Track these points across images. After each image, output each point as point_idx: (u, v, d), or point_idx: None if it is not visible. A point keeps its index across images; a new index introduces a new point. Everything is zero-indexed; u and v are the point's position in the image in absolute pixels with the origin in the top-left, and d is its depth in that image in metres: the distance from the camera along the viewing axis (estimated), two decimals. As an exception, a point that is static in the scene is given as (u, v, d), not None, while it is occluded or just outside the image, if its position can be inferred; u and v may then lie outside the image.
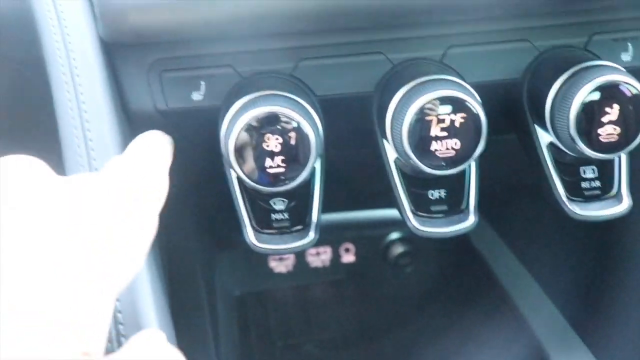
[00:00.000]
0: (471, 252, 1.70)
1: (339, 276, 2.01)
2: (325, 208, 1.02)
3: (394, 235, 1.97)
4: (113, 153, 0.90)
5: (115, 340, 0.82)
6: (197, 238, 1.57)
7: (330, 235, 1.93)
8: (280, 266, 1.96)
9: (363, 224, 1.94)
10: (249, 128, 0.88)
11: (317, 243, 0.98)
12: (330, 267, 1.99)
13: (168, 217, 1.42)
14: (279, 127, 0.88)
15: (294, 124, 0.88)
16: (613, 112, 0.93)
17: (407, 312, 1.95)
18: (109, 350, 0.81)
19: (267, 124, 0.88)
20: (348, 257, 2.00)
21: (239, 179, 0.96)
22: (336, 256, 1.98)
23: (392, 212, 1.94)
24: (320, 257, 1.97)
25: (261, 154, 0.88)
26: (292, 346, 1.84)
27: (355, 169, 1.30)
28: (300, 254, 1.96)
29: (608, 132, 0.94)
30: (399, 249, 1.97)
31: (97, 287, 0.42)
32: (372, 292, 2.01)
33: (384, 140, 1.00)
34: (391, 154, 1.00)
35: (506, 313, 1.47)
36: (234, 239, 1.83)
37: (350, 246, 1.98)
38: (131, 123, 1.01)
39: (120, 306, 0.83)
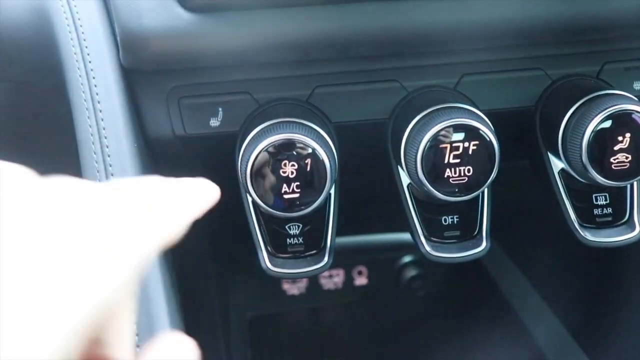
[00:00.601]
0: (484, 277, 1.71)
1: (352, 299, 2.01)
2: (338, 231, 1.03)
3: (407, 259, 1.97)
4: (132, 177, 0.92)
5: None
6: (211, 260, 1.58)
7: (343, 258, 1.94)
8: (293, 288, 1.97)
9: (376, 247, 1.95)
10: (266, 154, 0.89)
11: (331, 265, 0.99)
12: (343, 290, 1.99)
13: (183, 239, 1.44)
14: (295, 153, 0.89)
15: (310, 151, 0.89)
16: (625, 140, 0.94)
17: (418, 334, 1.95)
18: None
19: (284, 151, 0.89)
20: (361, 280, 2.00)
21: (255, 204, 0.97)
22: (349, 279, 1.99)
23: (404, 236, 1.94)
24: (333, 280, 1.98)
25: (277, 180, 0.90)
26: (304, 369, 1.85)
27: (368, 194, 1.32)
28: (313, 277, 1.96)
29: (620, 160, 0.95)
30: (411, 272, 1.97)
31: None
32: (384, 315, 2.02)
33: (398, 167, 1.01)
34: (405, 180, 1.01)
35: (521, 340, 1.47)
36: (247, 261, 1.84)
37: (363, 269, 1.99)
38: (150, 148, 1.03)
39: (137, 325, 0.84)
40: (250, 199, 0.98)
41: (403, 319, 2.00)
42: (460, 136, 0.91)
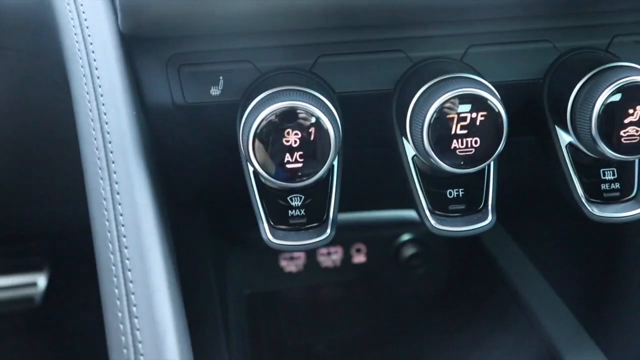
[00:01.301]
0: (483, 254, 1.69)
1: (350, 276, 2.00)
2: (340, 207, 1.01)
3: (406, 237, 1.96)
4: (130, 145, 0.90)
5: (130, 334, 0.81)
6: (208, 237, 1.56)
7: (341, 235, 1.90)
8: (290, 265, 1.95)
9: (375, 225, 1.93)
10: (268, 123, 0.87)
11: (329, 243, 0.97)
12: (341, 267, 1.98)
13: (180, 217, 1.42)
14: (298, 122, 0.87)
15: (314, 120, 0.87)
16: (635, 113, 0.92)
17: (417, 313, 1.94)
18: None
19: (287, 119, 0.87)
20: (359, 258, 1.99)
21: (256, 174, 0.95)
22: (347, 256, 1.97)
23: (404, 213, 1.95)
24: (331, 257, 1.96)
25: (280, 149, 0.88)
26: (302, 346, 1.83)
27: (372, 167, 1.30)
28: (311, 254, 1.94)
29: (629, 133, 0.93)
30: (410, 251, 1.96)
31: None
32: (382, 293, 2.00)
33: (403, 138, 0.99)
34: (410, 152, 0.99)
35: (517, 314, 1.46)
36: (245, 238, 1.83)
37: (362, 246, 1.97)
38: (149, 117, 1.00)
39: (135, 300, 0.83)
40: (251, 169, 0.96)
41: (401, 298, 1.99)
42: (467, 107, 0.89)
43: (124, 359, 0.80)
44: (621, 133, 0.93)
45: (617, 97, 0.92)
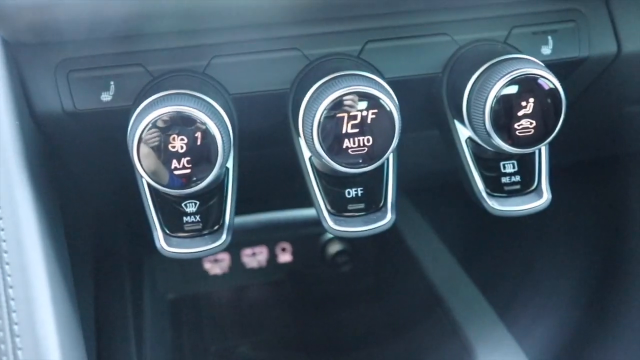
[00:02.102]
0: (405, 251, 1.69)
1: (276, 276, 1.98)
2: (255, 208, 0.99)
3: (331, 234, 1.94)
4: (11, 156, 0.87)
5: (10, 341, 0.79)
6: (125, 243, 1.52)
7: (266, 235, 1.90)
8: (215, 268, 1.92)
9: (300, 223, 1.91)
10: (154, 128, 0.84)
11: (253, 243, 0.95)
12: (267, 268, 1.96)
13: (96, 221, 1.38)
14: (184, 127, 0.84)
15: (199, 124, 0.84)
16: (528, 105, 0.92)
17: (343, 311, 1.93)
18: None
19: (172, 124, 0.84)
20: (285, 257, 1.97)
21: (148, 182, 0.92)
22: (272, 256, 1.95)
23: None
24: (256, 258, 1.94)
25: (167, 156, 0.85)
26: (226, 349, 1.80)
27: (275, 169, 1.28)
28: (235, 255, 1.92)
29: (524, 126, 0.92)
30: (336, 248, 1.95)
31: None
32: (309, 291, 1.99)
33: (299, 138, 0.97)
34: (306, 152, 0.98)
35: (438, 311, 1.46)
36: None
37: (287, 245, 1.95)
38: (38, 126, 0.97)
39: (16, 318, 0.80)
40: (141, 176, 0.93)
41: (328, 295, 1.98)
42: (358, 104, 0.88)
43: None
44: (515, 126, 0.92)
45: (510, 90, 0.91)
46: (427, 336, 1.48)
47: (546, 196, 1.02)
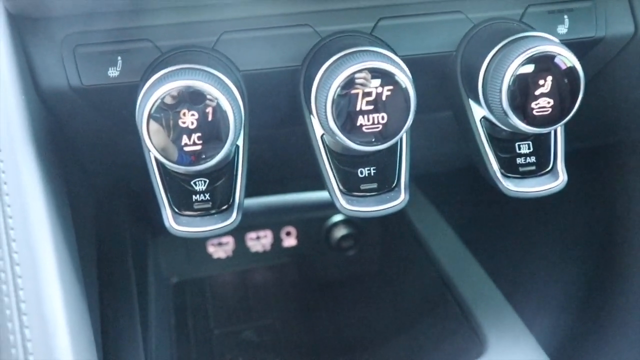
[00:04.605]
0: (412, 235, 1.67)
1: (281, 260, 1.96)
2: (261, 190, 0.97)
3: (337, 218, 1.92)
4: (18, 132, 0.85)
5: (19, 332, 0.77)
6: (129, 225, 1.51)
7: (270, 219, 1.88)
8: (219, 251, 1.91)
9: (305, 207, 1.89)
10: (163, 104, 0.82)
11: (258, 226, 0.94)
12: (271, 252, 1.94)
13: (99, 204, 1.36)
14: (194, 102, 0.83)
15: (211, 99, 0.83)
16: (546, 84, 0.90)
17: (348, 296, 1.91)
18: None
19: (183, 100, 0.83)
20: (289, 241, 1.95)
21: (157, 158, 0.90)
22: (277, 240, 1.93)
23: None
24: (260, 242, 1.92)
25: (177, 132, 0.83)
26: (230, 333, 1.79)
27: (288, 149, 1.26)
28: (239, 239, 1.90)
29: (541, 105, 0.91)
30: (341, 232, 1.93)
31: None
32: (313, 276, 1.97)
33: (311, 117, 0.95)
34: (318, 131, 0.96)
35: (445, 294, 1.44)
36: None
37: (292, 229, 1.93)
38: (44, 102, 0.95)
39: (23, 296, 0.78)
40: (150, 153, 0.91)
41: (333, 280, 1.96)
42: (373, 81, 0.86)
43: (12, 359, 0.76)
44: (532, 105, 0.90)
45: (527, 68, 0.89)
46: (436, 320, 1.46)
47: (562, 178, 1.01)
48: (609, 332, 1.57)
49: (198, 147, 0.84)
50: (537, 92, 0.90)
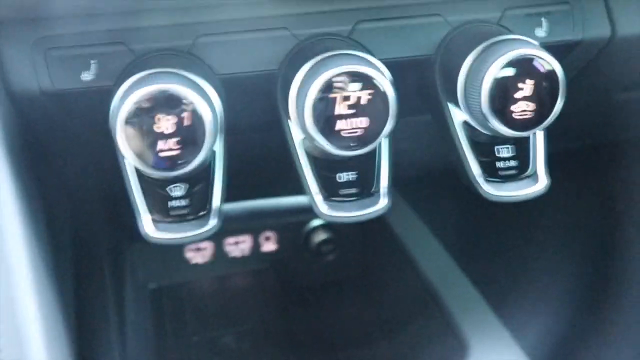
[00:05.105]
0: (392, 239, 1.66)
1: (260, 265, 1.95)
2: (240, 195, 0.96)
3: (316, 222, 1.91)
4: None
5: None
6: (105, 231, 1.49)
7: (249, 224, 1.87)
8: (197, 257, 1.89)
9: (284, 211, 1.88)
10: (139, 108, 0.81)
11: (237, 231, 0.92)
12: (251, 257, 1.92)
13: (75, 209, 1.35)
14: (170, 106, 0.81)
15: (187, 103, 0.81)
16: (527, 87, 0.89)
17: (328, 301, 1.91)
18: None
19: (158, 104, 0.81)
20: (269, 246, 1.93)
21: (132, 164, 0.89)
22: (256, 245, 1.92)
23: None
24: (239, 247, 1.90)
25: (152, 137, 0.82)
26: (209, 339, 1.77)
27: (266, 154, 1.25)
28: (218, 244, 1.89)
29: (522, 108, 0.90)
30: (321, 236, 1.92)
31: None
32: (293, 280, 1.96)
33: (289, 121, 0.94)
34: (297, 135, 0.95)
35: (427, 299, 1.44)
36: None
37: (271, 234, 1.92)
38: (15, 105, 0.93)
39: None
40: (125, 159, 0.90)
41: (313, 285, 1.95)
42: (352, 85, 0.85)
43: None
44: (513, 108, 0.90)
45: (508, 72, 0.89)
46: (417, 325, 1.46)
47: (544, 182, 1.00)
48: (592, 338, 1.57)
49: (174, 152, 0.82)
50: (517, 95, 0.89)
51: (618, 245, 1.64)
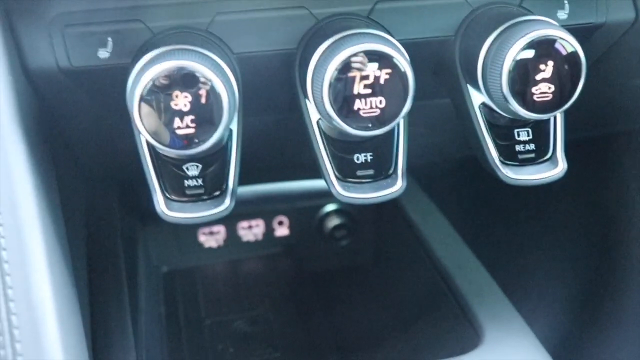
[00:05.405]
0: (406, 225, 1.65)
1: (273, 250, 1.94)
2: (253, 179, 0.95)
3: (330, 207, 1.91)
4: (6, 115, 0.83)
5: (8, 333, 0.75)
6: (119, 213, 1.48)
7: (262, 208, 1.86)
8: (210, 240, 1.89)
9: (297, 196, 1.87)
10: (156, 85, 0.80)
11: (250, 215, 0.92)
12: (263, 241, 1.92)
13: (89, 192, 1.34)
14: (187, 84, 0.80)
15: (205, 81, 0.80)
16: (547, 69, 0.88)
17: (341, 286, 1.90)
18: None
19: (175, 81, 0.80)
20: (282, 231, 1.93)
21: (148, 142, 0.88)
22: (269, 229, 1.91)
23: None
24: (252, 231, 1.90)
25: (169, 114, 0.81)
26: (221, 323, 1.77)
27: (283, 135, 1.24)
28: (231, 228, 1.88)
29: (542, 90, 0.89)
30: (334, 222, 1.91)
31: None
32: (306, 266, 1.95)
33: (307, 101, 0.93)
34: (314, 116, 0.94)
35: (441, 285, 1.43)
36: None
37: (284, 219, 1.91)
38: (32, 83, 0.93)
39: (10, 282, 0.76)
40: (141, 136, 0.89)
41: (326, 270, 1.95)
42: (371, 64, 0.84)
43: None
44: (533, 90, 0.88)
45: (529, 53, 0.87)
46: (431, 312, 1.45)
47: (561, 165, 0.99)
48: (609, 327, 1.56)
49: (191, 130, 0.82)
50: (537, 77, 0.88)
51: (636, 235, 1.63)
